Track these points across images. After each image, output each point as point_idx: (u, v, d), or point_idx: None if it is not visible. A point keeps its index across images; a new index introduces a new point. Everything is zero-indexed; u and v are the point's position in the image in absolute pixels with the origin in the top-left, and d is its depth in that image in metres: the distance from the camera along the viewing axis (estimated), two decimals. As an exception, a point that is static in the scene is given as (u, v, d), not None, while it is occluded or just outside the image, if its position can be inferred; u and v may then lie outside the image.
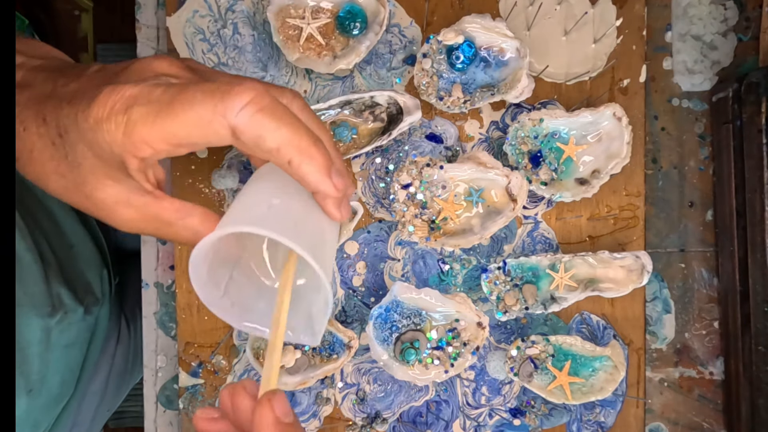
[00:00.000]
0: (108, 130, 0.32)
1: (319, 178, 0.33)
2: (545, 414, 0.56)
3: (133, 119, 0.31)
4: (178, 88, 0.32)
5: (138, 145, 0.32)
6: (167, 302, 0.58)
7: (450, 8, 0.55)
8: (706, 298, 0.57)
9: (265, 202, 0.35)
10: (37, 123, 0.34)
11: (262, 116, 0.31)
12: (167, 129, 0.31)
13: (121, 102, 0.31)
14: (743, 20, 0.57)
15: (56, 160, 0.34)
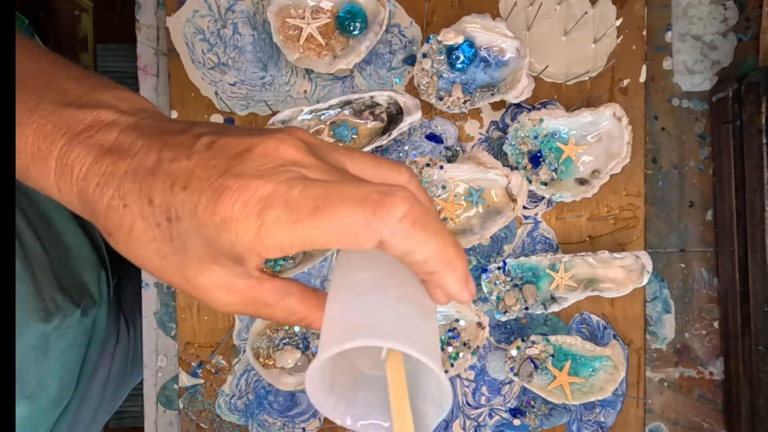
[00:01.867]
0: (236, 231, 0.30)
1: (459, 288, 0.32)
2: (545, 414, 0.56)
3: (267, 224, 0.29)
4: (321, 191, 0.29)
5: (269, 249, 0.30)
6: (167, 302, 0.58)
7: (450, 8, 0.55)
8: (706, 298, 0.57)
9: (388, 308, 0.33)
10: (141, 203, 0.31)
11: (415, 230, 0.30)
12: (306, 236, 0.29)
13: (253, 203, 0.29)
14: (743, 20, 0.57)
15: (158, 242, 0.32)
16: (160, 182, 0.31)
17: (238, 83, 0.55)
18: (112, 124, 0.33)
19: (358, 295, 0.34)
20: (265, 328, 0.54)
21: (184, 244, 0.32)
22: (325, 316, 0.35)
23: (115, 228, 0.32)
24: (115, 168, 0.32)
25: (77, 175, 0.32)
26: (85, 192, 0.32)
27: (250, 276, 0.33)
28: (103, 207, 0.32)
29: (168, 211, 0.31)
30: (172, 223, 0.31)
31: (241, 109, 0.55)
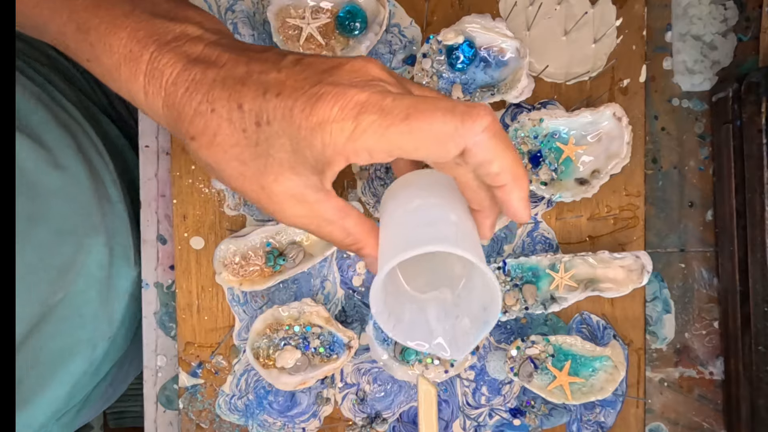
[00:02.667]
0: (331, 133, 0.32)
1: (522, 206, 0.35)
2: (545, 414, 0.56)
3: (362, 127, 0.32)
4: (411, 102, 0.32)
5: (358, 152, 0.32)
6: (167, 302, 0.58)
7: (450, 8, 0.55)
8: (706, 298, 0.57)
9: (448, 220, 0.36)
10: (229, 107, 0.33)
11: (497, 141, 0.33)
12: (396, 141, 0.32)
13: (350, 107, 0.32)
14: (743, 20, 0.57)
15: (242, 147, 0.34)
16: (251, 90, 0.33)
17: (238, 83, 0.55)
18: (198, 39, 0.35)
19: (417, 215, 0.37)
20: (265, 328, 0.54)
21: (269, 149, 0.34)
22: (384, 237, 0.37)
23: (199, 132, 0.34)
24: (203, 76, 0.34)
25: (167, 79, 0.34)
26: (173, 96, 0.34)
27: (320, 189, 0.35)
28: (190, 111, 0.34)
29: (258, 116, 0.33)
30: (261, 128, 0.33)
31: (241, 109, 0.55)
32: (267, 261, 0.53)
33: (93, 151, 0.57)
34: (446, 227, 0.35)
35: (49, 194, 0.50)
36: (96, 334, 0.56)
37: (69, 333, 0.53)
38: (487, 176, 0.34)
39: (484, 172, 0.34)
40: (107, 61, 0.35)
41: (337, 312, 0.56)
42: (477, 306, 0.38)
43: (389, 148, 0.32)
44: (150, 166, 0.58)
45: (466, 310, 0.38)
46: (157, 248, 0.58)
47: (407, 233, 0.35)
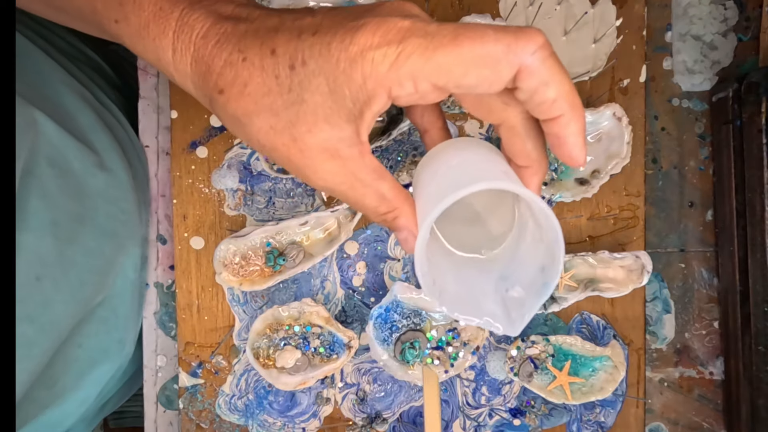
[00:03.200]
0: (373, 60, 0.30)
1: (579, 143, 0.32)
2: (545, 414, 0.56)
3: (407, 51, 0.30)
4: (457, 26, 0.30)
5: (402, 81, 0.30)
6: (167, 302, 0.58)
7: (450, 8, 0.55)
8: (706, 298, 0.57)
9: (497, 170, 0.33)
10: (261, 54, 0.32)
11: (553, 62, 0.30)
12: (444, 64, 0.30)
13: (394, 32, 0.30)
14: (743, 20, 0.57)
15: (274, 95, 0.32)
16: (284, 35, 0.32)
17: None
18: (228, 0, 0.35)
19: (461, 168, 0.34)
20: (265, 328, 0.54)
21: (302, 93, 0.32)
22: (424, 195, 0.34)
23: (228, 83, 0.33)
24: (234, 29, 0.33)
25: (197, 33, 0.33)
26: (203, 50, 0.33)
27: (355, 143, 0.33)
28: (219, 63, 0.33)
29: (293, 58, 0.32)
30: (295, 70, 0.32)
31: (241, 109, 0.55)
32: (267, 261, 0.53)
33: (133, 154, 0.57)
34: (496, 173, 0.33)
35: (95, 195, 0.51)
36: (126, 335, 0.56)
37: (105, 333, 0.54)
38: (542, 105, 0.31)
39: (539, 99, 0.31)
40: (136, 19, 0.35)
41: (337, 312, 0.56)
42: (531, 270, 0.35)
43: (437, 73, 0.30)
44: (150, 166, 0.58)
45: (516, 278, 0.35)
46: (157, 248, 0.58)
47: (453, 181, 0.33)
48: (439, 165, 0.35)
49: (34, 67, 0.53)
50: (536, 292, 0.34)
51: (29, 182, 0.45)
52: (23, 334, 0.44)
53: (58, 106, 0.52)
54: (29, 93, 0.49)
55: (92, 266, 0.50)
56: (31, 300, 0.44)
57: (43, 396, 0.49)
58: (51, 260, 0.46)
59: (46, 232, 0.45)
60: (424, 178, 0.36)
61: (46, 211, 0.45)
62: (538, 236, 0.34)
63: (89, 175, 0.50)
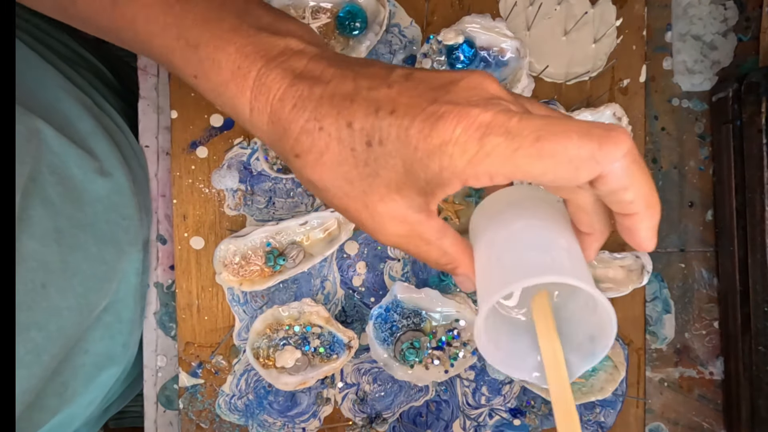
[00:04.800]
0: (452, 155, 0.30)
1: (650, 236, 0.33)
2: (545, 414, 0.56)
3: (486, 150, 0.30)
4: (541, 123, 0.29)
5: (479, 176, 0.31)
6: (167, 302, 0.58)
7: (450, 8, 0.55)
8: (706, 298, 0.57)
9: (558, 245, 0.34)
10: (338, 126, 0.32)
11: (636, 168, 0.30)
12: (523, 165, 0.30)
13: (474, 128, 0.30)
14: (743, 20, 0.57)
15: (349, 166, 0.33)
16: (361, 108, 0.32)
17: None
18: (301, 53, 0.35)
19: (523, 238, 0.34)
20: (265, 328, 0.54)
21: (378, 169, 0.33)
22: (485, 259, 0.35)
23: (305, 150, 0.33)
24: (310, 92, 0.33)
25: (274, 95, 0.34)
26: (280, 113, 0.34)
27: (423, 210, 0.34)
28: (296, 129, 0.33)
29: (370, 135, 0.32)
30: (372, 148, 0.32)
31: (241, 109, 0.55)
32: (267, 261, 0.53)
33: (133, 158, 0.57)
34: (558, 253, 0.33)
35: (96, 202, 0.51)
36: (130, 338, 0.56)
37: (111, 338, 0.54)
38: (617, 203, 0.32)
39: (615, 199, 0.31)
40: (215, 77, 0.35)
41: (337, 312, 0.56)
42: (579, 332, 0.35)
43: (513, 173, 0.30)
44: (150, 166, 0.58)
45: (562, 332, 0.35)
46: (157, 248, 0.58)
47: (514, 259, 0.33)
48: (499, 226, 0.36)
49: (33, 73, 0.53)
50: (583, 356, 0.35)
51: (32, 190, 0.45)
52: (32, 340, 0.44)
53: (58, 112, 0.52)
54: (29, 100, 0.49)
55: (95, 272, 0.50)
56: (38, 307, 0.44)
57: (54, 403, 0.50)
58: (55, 267, 0.46)
59: (50, 239, 0.45)
60: (485, 230, 0.37)
61: (49, 219, 0.45)
62: (591, 307, 0.35)
63: (89, 181, 0.51)
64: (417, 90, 0.32)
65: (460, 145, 0.30)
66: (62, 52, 0.62)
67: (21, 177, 0.43)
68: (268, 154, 0.53)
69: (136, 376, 0.65)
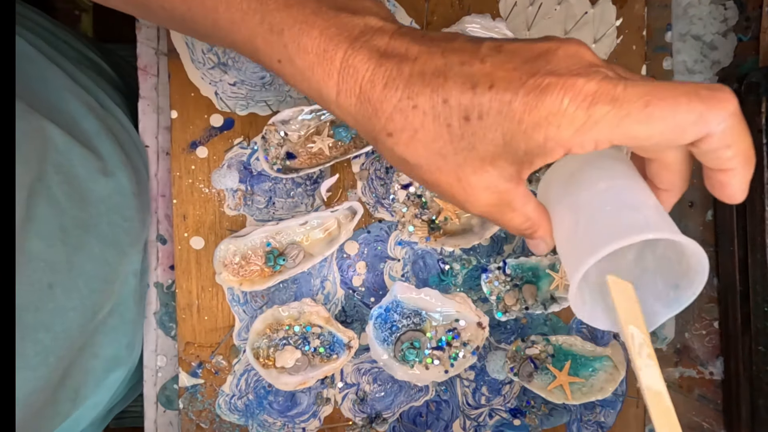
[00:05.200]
0: (559, 126, 0.31)
1: (743, 189, 0.33)
2: (545, 414, 0.56)
3: (594, 118, 0.30)
4: (647, 88, 0.30)
5: (585, 144, 0.31)
6: (167, 302, 0.58)
7: (450, 8, 0.55)
8: (706, 298, 0.57)
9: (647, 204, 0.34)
10: (433, 103, 0.33)
11: (740, 126, 0.31)
12: (631, 131, 0.30)
13: (581, 98, 0.30)
14: (743, 20, 0.57)
15: (444, 141, 0.33)
16: (456, 84, 0.32)
17: (238, 83, 0.55)
18: (381, 30, 0.35)
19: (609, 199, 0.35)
20: (265, 328, 0.54)
21: (475, 143, 0.33)
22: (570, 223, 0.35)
23: (398, 129, 0.34)
24: (399, 71, 0.33)
25: (362, 76, 0.34)
26: (370, 93, 0.34)
27: (513, 179, 0.34)
28: (389, 108, 0.33)
29: (468, 111, 0.32)
30: (470, 122, 0.32)
31: (241, 109, 0.55)
32: (267, 261, 0.53)
33: (138, 159, 0.57)
34: (649, 211, 0.34)
35: (98, 202, 0.51)
36: (134, 339, 0.56)
37: (116, 341, 0.54)
38: (715, 160, 0.32)
39: (714, 156, 0.32)
40: (300, 62, 0.35)
41: (337, 312, 0.56)
42: (660, 282, 0.36)
43: (621, 138, 0.31)
44: (150, 166, 0.58)
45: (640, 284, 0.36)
46: (157, 248, 0.58)
47: (607, 220, 0.34)
48: (582, 186, 0.36)
49: (38, 73, 0.53)
50: (666, 304, 0.36)
51: (38, 189, 0.45)
52: (40, 342, 0.44)
53: (63, 112, 0.52)
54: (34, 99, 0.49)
55: (98, 273, 0.50)
56: (45, 308, 0.44)
57: (67, 409, 0.50)
58: (61, 267, 0.46)
59: (55, 239, 0.45)
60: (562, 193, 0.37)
61: (54, 218, 0.45)
62: (674, 257, 0.35)
63: (93, 180, 0.51)
64: (512, 63, 0.32)
65: (569, 115, 0.30)
66: (67, 52, 0.62)
67: (27, 176, 0.44)
68: (268, 154, 0.53)
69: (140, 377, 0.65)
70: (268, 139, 0.53)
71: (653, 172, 0.36)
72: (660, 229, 0.32)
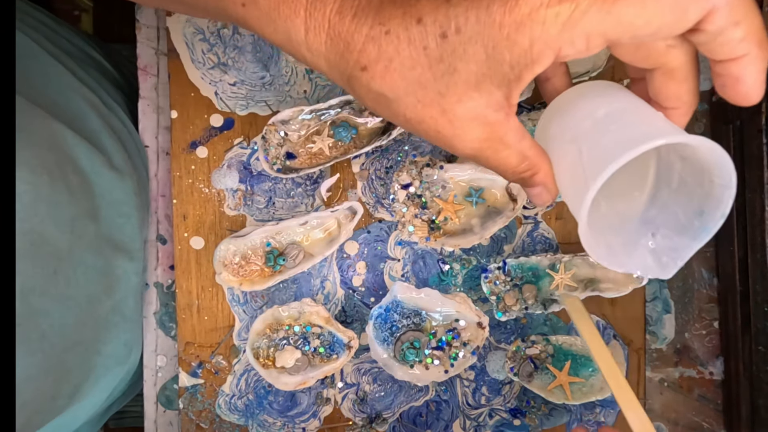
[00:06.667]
0: (543, 22, 0.28)
1: (760, 79, 0.30)
2: (545, 414, 0.56)
3: (582, 6, 0.27)
4: None
5: (574, 39, 0.28)
6: (167, 302, 0.58)
7: (450, 8, 0.55)
8: (706, 298, 0.57)
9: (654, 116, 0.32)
10: (406, 25, 0.30)
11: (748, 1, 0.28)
12: (625, 16, 0.27)
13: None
14: (743, 20, 0.57)
15: (422, 68, 0.31)
16: (427, 3, 0.30)
17: (238, 83, 0.55)
18: None
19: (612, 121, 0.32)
20: (265, 328, 0.54)
21: (455, 62, 0.30)
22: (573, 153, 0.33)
23: (372, 60, 0.31)
24: (369, 0, 0.31)
25: (330, 8, 0.32)
26: (339, 26, 0.32)
27: (503, 106, 0.32)
28: (360, 39, 0.31)
29: (444, 26, 0.30)
30: (447, 39, 0.30)
31: (241, 109, 0.55)
32: (267, 261, 0.53)
33: (138, 158, 0.57)
34: (659, 122, 0.31)
35: (99, 196, 0.51)
36: (132, 337, 0.56)
37: (117, 338, 0.54)
38: (725, 45, 0.29)
39: (722, 40, 0.28)
40: (265, 2, 0.33)
41: (337, 312, 0.56)
42: (681, 214, 0.33)
43: (614, 27, 0.28)
44: (150, 166, 0.58)
45: (661, 221, 0.34)
46: (157, 248, 0.58)
47: (613, 136, 0.31)
48: (581, 117, 0.33)
49: (42, 70, 0.53)
50: (692, 235, 0.33)
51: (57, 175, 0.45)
52: (38, 327, 0.44)
53: (67, 109, 0.52)
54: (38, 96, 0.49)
55: (96, 265, 0.50)
56: (48, 293, 0.44)
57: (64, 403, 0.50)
58: (64, 255, 0.46)
59: (66, 227, 0.46)
60: (559, 131, 0.34)
61: (69, 206, 0.46)
62: (692, 181, 0.32)
63: (96, 174, 0.51)
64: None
65: (554, 8, 0.28)
66: (70, 51, 0.62)
67: (46, 162, 0.44)
68: (268, 154, 0.53)
69: (138, 377, 0.65)
70: (268, 139, 0.53)
71: (657, 88, 0.33)
72: (674, 134, 0.29)
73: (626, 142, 0.29)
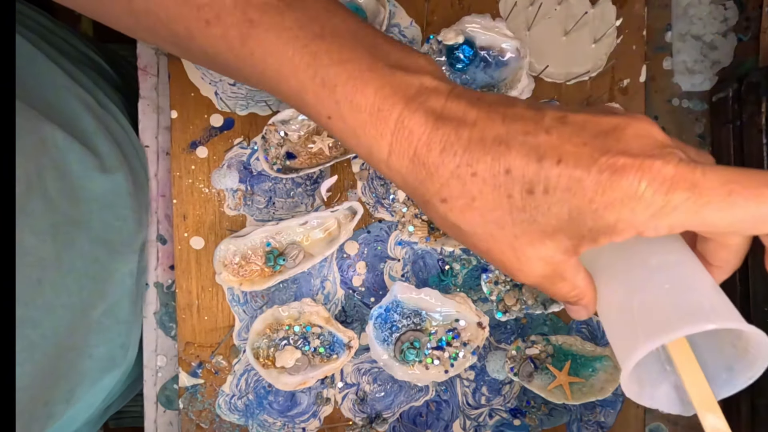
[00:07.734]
0: (633, 209, 0.30)
1: None
2: (545, 414, 0.56)
3: (673, 204, 0.29)
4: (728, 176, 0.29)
5: (659, 228, 0.30)
6: (167, 302, 0.58)
7: (450, 8, 0.55)
8: (706, 298, 0.57)
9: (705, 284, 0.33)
10: (493, 172, 0.32)
11: None
12: (710, 218, 0.29)
13: (659, 183, 0.29)
14: (743, 20, 0.57)
15: (502, 211, 0.32)
16: (520, 155, 0.31)
17: (238, 83, 0.55)
18: (436, 91, 0.34)
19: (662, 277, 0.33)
20: (265, 328, 0.54)
21: (536, 216, 0.32)
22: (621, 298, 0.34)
23: (453, 196, 0.33)
24: (457, 136, 0.32)
25: (418, 138, 0.33)
26: (425, 157, 0.33)
27: (569, 251, 0.33)
28: (445, 173, 0.32)
29: (533, 184, 0.31)
30: (534, 195, 0.31)
31: (242, 109, 0.55)
32: (267, 261, 0.53)
33: (136, 159, 0.57)
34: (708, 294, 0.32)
35: (91, 200, 0.51)
36: (128, 339, 0.56)
37: (110, 341, 0.54)
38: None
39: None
40: (352, 120, 0.34)
41: (337, 312, 0.56)
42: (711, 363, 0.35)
43: (698, 224, 0.30)
44: (150, 166, 0.58)
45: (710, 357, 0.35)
46: (157, 248, 0.58)
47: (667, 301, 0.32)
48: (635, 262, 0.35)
49: (37, 71, 0.53)
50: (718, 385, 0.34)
51: (36, 185, 0.45)
52: (27, 337, 0.44)
53: (61, 111, 0.52)
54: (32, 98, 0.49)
55: (88, 271, 0.50)
56: (33, 304, 0.44)
57: (61, 409, 0.50)
58: (50, 263, 0.46)
59: (46, 235, 0.45)
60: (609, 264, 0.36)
61: (47, 214, 0.45)
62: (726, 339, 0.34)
63: (88, 178, 0.51)
64: (580, 137, 0.31)
65: (646, 199, 0.29)
66: (67, 51, 0.62)
67: (26, 170, 0.43)
68: (268, 154, 0.53)
69: (136, 377, 0.65)
70: (268, 139, 0.53)
71: (709, 250, 0.35)
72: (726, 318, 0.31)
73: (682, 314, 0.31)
